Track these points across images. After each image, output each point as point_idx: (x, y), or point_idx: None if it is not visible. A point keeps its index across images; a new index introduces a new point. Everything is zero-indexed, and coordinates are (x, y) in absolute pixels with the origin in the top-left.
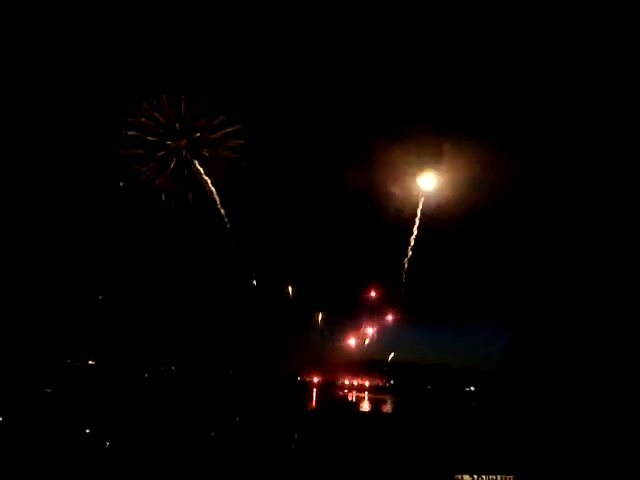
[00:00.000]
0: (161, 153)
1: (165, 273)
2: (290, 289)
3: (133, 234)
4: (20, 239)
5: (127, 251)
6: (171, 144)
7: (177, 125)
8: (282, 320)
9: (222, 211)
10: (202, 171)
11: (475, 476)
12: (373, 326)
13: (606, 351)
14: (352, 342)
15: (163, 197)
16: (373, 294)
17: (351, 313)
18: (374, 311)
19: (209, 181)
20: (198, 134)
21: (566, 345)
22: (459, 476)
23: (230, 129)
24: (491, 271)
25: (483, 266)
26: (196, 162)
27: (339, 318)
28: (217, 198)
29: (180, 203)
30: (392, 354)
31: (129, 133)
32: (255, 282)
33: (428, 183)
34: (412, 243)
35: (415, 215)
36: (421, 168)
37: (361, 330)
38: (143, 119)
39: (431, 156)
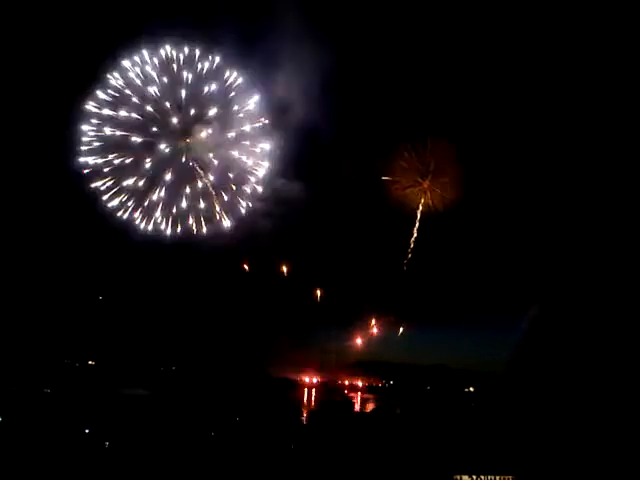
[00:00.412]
0: (148, 161)
1: (162, 272)
2: (285, 268)
3: (130, 234)
4: (19, 242)
5: (124, 251)
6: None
7: (172, 115)
8: (278, 314)
9: (226, 223)
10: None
11: (474, 476)
12: (373, 326)
13: (610, 354)
14: (358, 341)
15: (158, 216)
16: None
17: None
18: (374, 311)
19: (208, 183)
20: (203, 133)
21: (574, 348)
22: (458, 477)
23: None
24: (491, 272)
25: (483, 267)
26: (198, 168)
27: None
28: (218, 206)
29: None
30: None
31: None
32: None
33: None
34: (412, 245)
35: (415, 217)
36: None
37: (362, 330)
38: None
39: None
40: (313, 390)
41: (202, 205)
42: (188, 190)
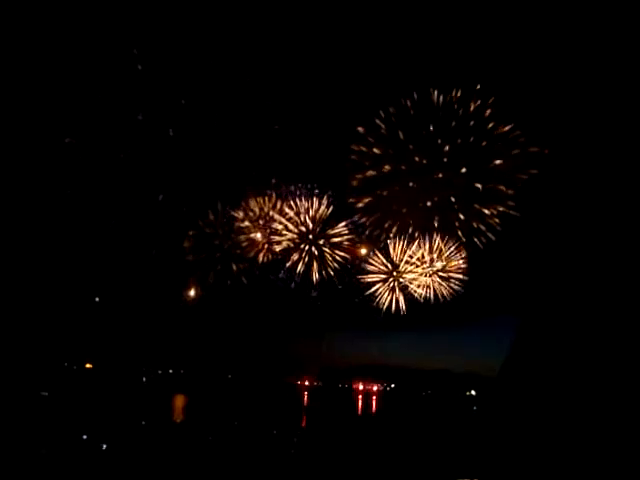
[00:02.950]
0: None
1: (162, 274)
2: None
3: (128, 234)
4: (17, 242)
5: (122, 252)
6: None
7: None
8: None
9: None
10: None
11: None
12: None
13: (609, 357)
14: None
15: None
16: None
17: None
18: None
19: None
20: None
21: (569, 351)
22: None
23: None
24: (494, 275)
25: (486, 270)
26: None
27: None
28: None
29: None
30: None
31: None
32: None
33: None
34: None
35: None
36: None
37: None
38: None
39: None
40: (315, 393)
41: None
42: None
